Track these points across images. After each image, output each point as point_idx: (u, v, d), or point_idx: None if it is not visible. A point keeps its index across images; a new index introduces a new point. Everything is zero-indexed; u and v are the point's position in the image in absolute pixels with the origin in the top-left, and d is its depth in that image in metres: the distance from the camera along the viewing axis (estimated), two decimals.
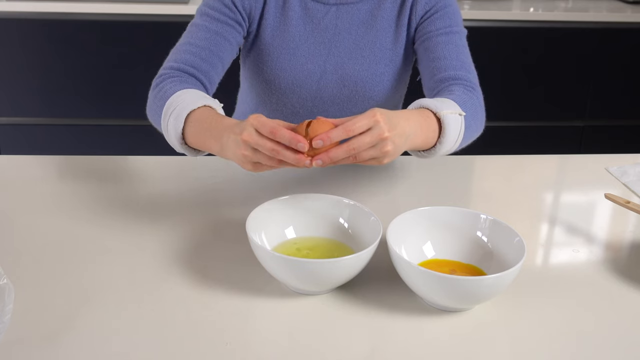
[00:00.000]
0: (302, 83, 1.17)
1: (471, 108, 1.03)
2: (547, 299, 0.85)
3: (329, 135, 0.79)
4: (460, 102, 1.00)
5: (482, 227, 0.89)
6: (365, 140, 0.80)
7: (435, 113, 0.94)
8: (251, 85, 1.24)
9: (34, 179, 1.14)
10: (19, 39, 2.17)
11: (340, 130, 0.79)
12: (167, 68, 1.08)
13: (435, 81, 1.10)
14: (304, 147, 0.79)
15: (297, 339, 0.76)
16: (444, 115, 0.94)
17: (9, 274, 0.79)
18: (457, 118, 0.96)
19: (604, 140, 2.55)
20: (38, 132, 2.33)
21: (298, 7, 1.15)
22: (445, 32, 1.13)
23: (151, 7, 2.15)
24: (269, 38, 1.15)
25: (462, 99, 1.02)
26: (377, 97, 1.19)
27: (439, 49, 1.12)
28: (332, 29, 1.16)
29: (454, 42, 1.13)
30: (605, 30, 2.34)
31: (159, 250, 0.92)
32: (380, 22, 1.16)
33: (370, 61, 1.16)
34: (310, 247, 0.90)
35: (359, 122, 0.80)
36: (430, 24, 1.14)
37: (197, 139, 0.93)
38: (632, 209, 0.97)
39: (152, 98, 1.05)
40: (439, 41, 1.13)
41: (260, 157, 0.82)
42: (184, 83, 1.04)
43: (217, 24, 1.11)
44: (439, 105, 0.95)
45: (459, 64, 1.11)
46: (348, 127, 0.80)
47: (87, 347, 0.73)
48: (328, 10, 1.16)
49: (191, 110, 0.93)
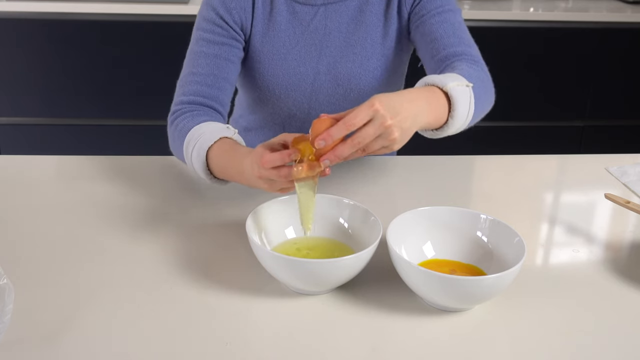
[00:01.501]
0: (296, 86, 1.17)
1: (478, 79, 1.00)
2: (547, 299, 0.85)
3: (330, 134, 0.77)
4: (466, 74, 0.97)
5: (482, 227, 0.89)
6: (369, 132, 0.78)
7: (442, 88, 0.91)
8: (246, 91, 1.24)
9: (34, 179, 1.14)
10: (19, 39, 2.17)
11: (341, 126, 0.77)
12: (177, 104, 1.10)
13: (436, 62, 1.08)
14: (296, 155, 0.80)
15: (297, 339, 0.76)
16: (451, 89, 0.91)
17: (9, 274, 0.79)
18: (465, 90, 0.93)
19: (604, 140, 2.55)
20: (38, 132, 2.33)
21: (285, 11, 1.15)
22: (438, 12, 1.12)
23: (151, 7, 2.15)
24: (258, 45, 1.15)
25: (467, 71, 0.99)
26: (372, 92, 1.18)
27: (434, 30, 1.10)
28: (322, 30, 1.15)
29: (448, 21, 1.11)
30: (605, 30, 2.34)
31: (158, 250, 0.92)
32: (369, 17, 1.16)
33: (362, 57, 1.16)
34: (310, 247, 0.90)
35: (359, 114, 0.78)
36: (422, 9, 1.13)
37: (221, 172, 0.98)
38: (632, 209, 0.97)
39: (171, 136, 1.09)
40: (432, 22, 1.11)
41: (279, 185, 0.85)
42: (196, 117, 1.06)
43: (215, 47, 1.11)
44: (444, 79, 0.92)
45: (456, 41, 1.09)
46: (348, 121, 0.77)
47: (87, 347, 0.73)
48: (316, 11, 1.15)
49: (209, 146, 0.97)
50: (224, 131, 0.99)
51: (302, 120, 1.21)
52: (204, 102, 1.10)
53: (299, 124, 1.22)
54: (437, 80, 0.92)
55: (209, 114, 1.08)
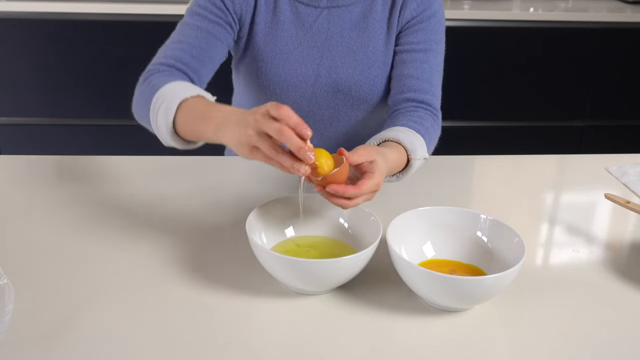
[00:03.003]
0: (296, 88, 1.17)
1: (434, 134, 1.10)
2: (547, 299, 0.85)
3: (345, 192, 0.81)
4: (428, 135, 1.06)
5: (482, 227, 0.89)
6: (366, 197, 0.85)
7: (408, 155, 0.99)
8: (245, 90, 1.24)
9: (34, 179, 1.14)
10: (19, 39, 2.17)
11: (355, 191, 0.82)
12: (155, 64, 1.06)
13: (403, 98, 1.13)
14: (310, 158, 0.76)
15: (297, 339, 0.76)
16: (414, 162, 1.00)
17: (9, 274, 0.79)
18: (422, 162, 1.02)
19: (604, 140, 2.55)
20: (38, 132, 2.33)
21: (289, 11, 1.15)
22: (423, 49, 1.15)
23: (151, 7, 2.15)
24: (261, 44, 1.15)
25: (429, 131, 1.08)
26: (372, 100, 1.19)
27: (413, 67, 1.14)
28: (324, 33, 1.15)
29: (428, 62, 1.15)
30: (605, 30, 2.34)
31: (159, 250, 0.92)
32: (372, 25, 1.16)
33: (363, 65, 1.16)
34: (310, 244, 0.90)
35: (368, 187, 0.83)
36: (411, 35, 1.15)
37: (189, 126, 0.89)
38: (632, 209, 0.97)
39: (138, 92, 1.02)
40: (414, 58, 1.15)
41: (262, 142, 0.76)
42: (173, 76, 1.00)
43: (209, 23, 1.10)
44: (414, 145, 0.99)
45: (427, 87, 1.14)
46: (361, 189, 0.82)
47: (87, 347, 0.73)
48: (319, 13, 1.15)
49: (183, 98, 0.90)
50: (203, 92, 0.92)
51: None
52: (183, 70, 1.05)
53: None
54: (407, 146, 0.99)
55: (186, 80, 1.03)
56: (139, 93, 1.02)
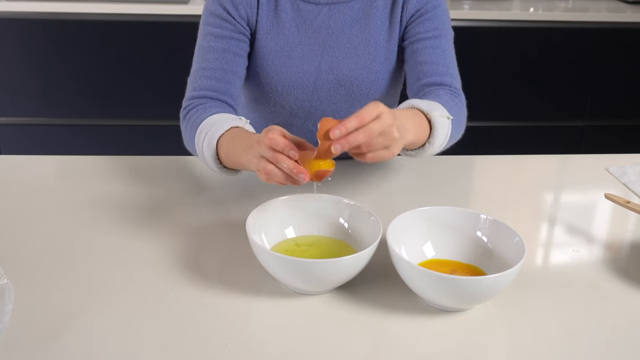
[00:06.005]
0: (298, 85, 1.17)
1: (457, 113, 1.07)
2: (547, 299, 0.85)
3: (345, 125, 0.79)
4: (447, 106, 1.03)
5: (482, 227, 0.89)
6: (375, 128, 0.80)
7: (426, 114, 0.97)
8: (248, 87, 1.24)
9: (34, 179, 1.14)
10: (19, 39, 2.17)
11: (353, 119, 0.79)
12: (189, 99, 1.12)
13: (421, 85, 1.13)
14: (304, 178, 0.80)
15: (297, 339, 0.76)
16: (435, 117, 0.97)
17: (9, 274, 0.79)
18: (446, 121, 1.00)
19: (604, 140, 2.55)
20: (38, 132, 2.33)
21: (290, 9, 1.15)
22: (434, 36, 1.15)
23: (151, 7, 2.15)
24: (262, 41, 1.16)
25: (449, 104, 1.06)
26: (374, 95, 1.19)
27: (426, 53, 1.14)
28: (326, 29, 1.16)
29: (440, 47, 1.15)
30: (605, 30, 2.34)
31: (158, 250, 0.92)
32: (373, 20, 1.16)
33: (365, 60, 1.16)
34: (309, 243, 0.90)
35: (368, 111, 0.80)
36: (419, 26, 1.16)
37: (229, 158, 0.97)
38: (632, 209, 0.97)
39: (184, 130, 1.10)
40: (426, 45, 1.15)
41: (269, 167, 0.83)
42: (208, 109, 1.07)
43: (223, 41, 1.12)
44: (430, 107, 0.98)
45: (444, 70, 1.13)
46: (359, 115, 0.80)
47: (87, 347, 0.73)
48: (320, 10, 1.16)
49: (220, 134, 0.98)
50: (235, 121, 1.00)
51: (303, 119, 1.22)
52: (214, 96, 1.11)
53: (300, 123, 1.22)
54: (422, 106, 0.98)
55: (220, 107, 1.09)
56: (184, 132, 1.10)
